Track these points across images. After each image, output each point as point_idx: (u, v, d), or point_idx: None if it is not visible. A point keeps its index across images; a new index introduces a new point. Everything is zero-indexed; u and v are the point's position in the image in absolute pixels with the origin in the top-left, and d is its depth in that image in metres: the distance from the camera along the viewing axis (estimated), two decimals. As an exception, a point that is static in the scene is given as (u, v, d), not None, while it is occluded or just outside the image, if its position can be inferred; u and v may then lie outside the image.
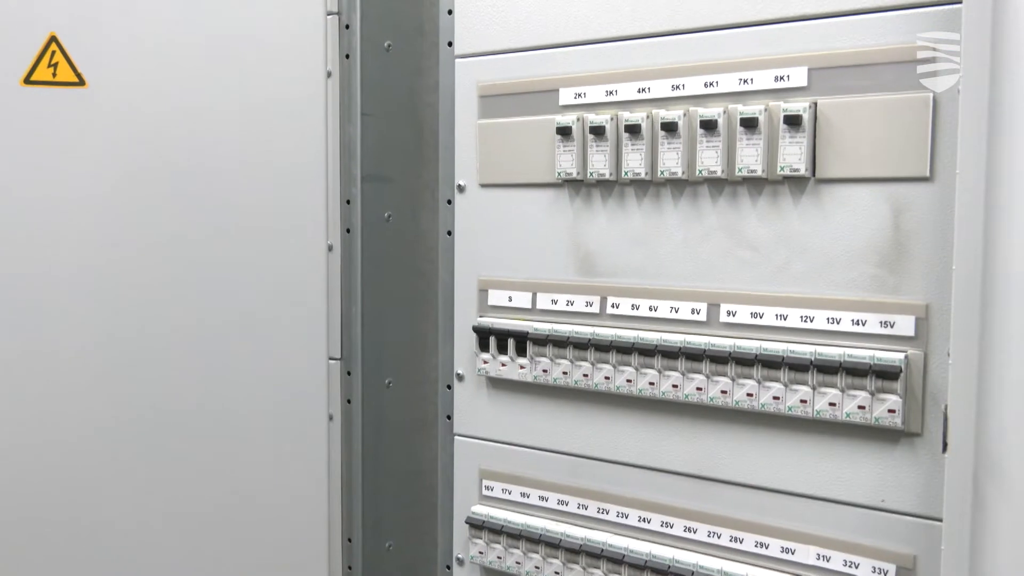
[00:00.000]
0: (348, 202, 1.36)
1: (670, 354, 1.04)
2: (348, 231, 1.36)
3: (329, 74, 1.29)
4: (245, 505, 1.28)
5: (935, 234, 0.90)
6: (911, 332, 0.92)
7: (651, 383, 1.06)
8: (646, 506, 1.09)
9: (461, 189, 1.22)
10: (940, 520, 0.86)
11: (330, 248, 1.33)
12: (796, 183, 0.98)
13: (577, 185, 1.12)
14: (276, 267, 1.28)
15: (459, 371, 1.24)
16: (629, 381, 1.07)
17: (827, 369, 0.95)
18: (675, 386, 1.04)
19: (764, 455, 1.02)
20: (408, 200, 1.41)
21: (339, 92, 1.33)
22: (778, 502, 1.01)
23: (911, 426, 0.93)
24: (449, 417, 1.28)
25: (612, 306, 1.10)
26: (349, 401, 1.37)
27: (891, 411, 0.92)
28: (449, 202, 1.26)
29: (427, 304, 1.40)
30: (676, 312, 1.05)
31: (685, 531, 1.07)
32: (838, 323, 0.96)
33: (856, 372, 0.93)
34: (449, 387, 1.28)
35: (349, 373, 1.37)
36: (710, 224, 1.03)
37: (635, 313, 1.08)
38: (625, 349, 1.07)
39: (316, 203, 1.29)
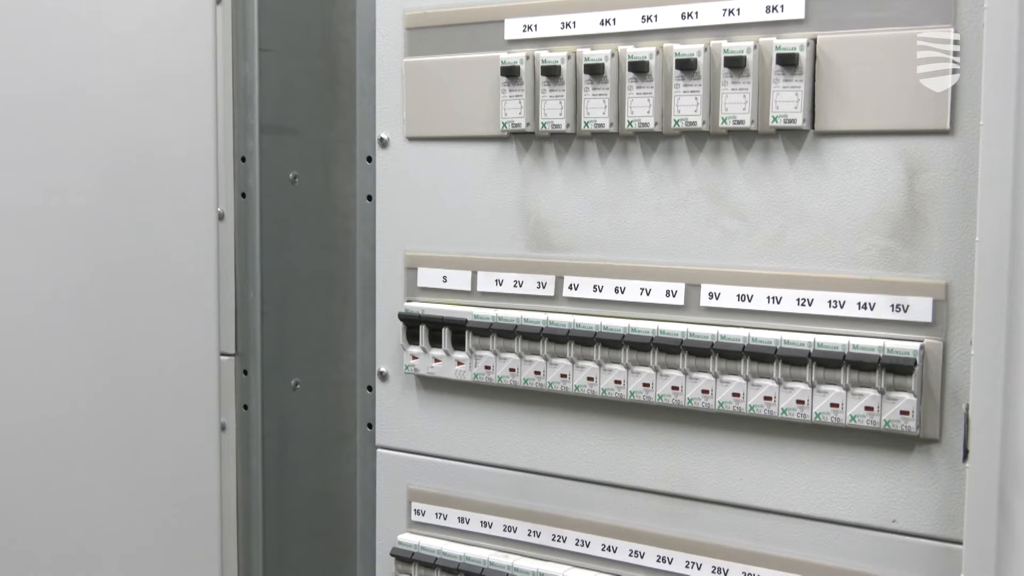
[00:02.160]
0: (243, 159, 1.35)
1: (640, 346, 1.05)
2: (243, 196, 1.35)
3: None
4: (115, 539, 1.28)
5: (957, 198, 0.93)
6: (928, 317, 0.94)
7: (617, 381, 1.07)
8: (611, 531, 1.11)
9: (383, 143, 1.22)
10: (960, 543, 0.89)
11: (221, 217, 1.33)
12: (791, 137, 1.00)
13: (527, 139, 1.13)
14: (152, 241, 1.26)
15: (382, 369, 1.24)
16: (591, 379, 1.09)
17: (828, 363, 0.97)
18: (646, 385, 1.06)
19: (753, 468, 1.04)
20: (318, 157, 1.40)
21: (231, 22, 1.32)
22: (770, 524, 1.03)
23: (927, 431, 0.95)
24: (370, 426, 1.29)
25: (570, 287, 1.11)
26: (246, 407, 1.37)
27: (904, 413, 0.95)
28: (369, 160, 1.26)
29: (342, 286, 1.39)
30: (647, 294, 1.07)
31: (658, 561, 1.08)
32: (841, 307, 0.98)
33: (863, 366, 0.95)
34: (370, 389, 1.28)
35: (246, 372, 1.37)
36: (688, 187, 1.05)
37: (597, 296, 1.10)
38: (586, 340, 1.08)
39: (202, 161, 1.28)
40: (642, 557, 1.09)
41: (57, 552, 1.25)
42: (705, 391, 1.03)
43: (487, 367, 1.14)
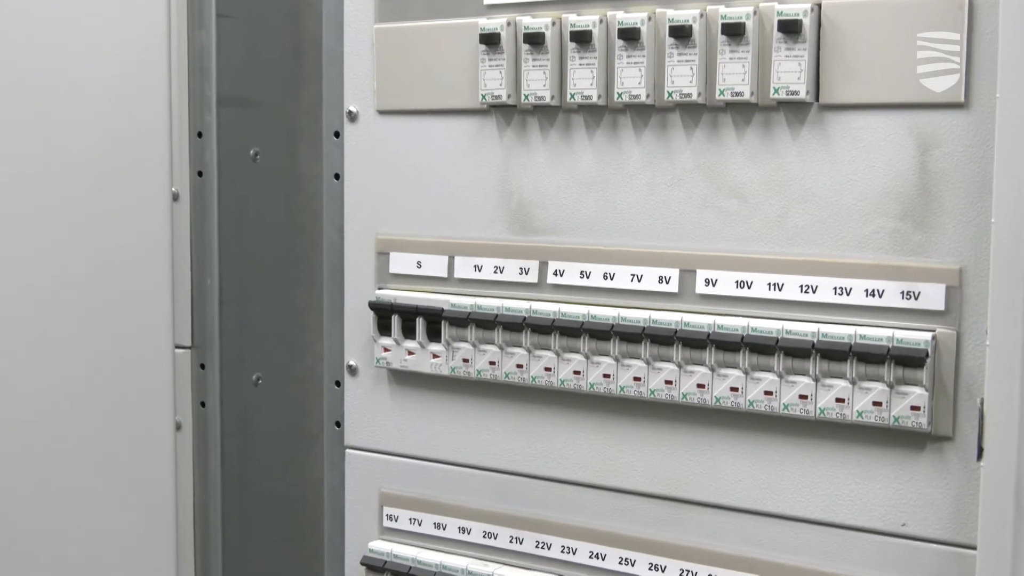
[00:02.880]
0: (200, 135, 1.34)
1: (631, 337, 1.06)
2: (200, 174, 1.35)
3: (172, -41, 1.28)
4: (62, 547, 1.27)
5: (972, 177, 0.93)
6: (940, 305, 0.95)
7: (606, 375, 1.07)
8: (599, 537, 1.11)
9: (353, 117, 1.22)
10: (974, 548, 0.89)
11: (175, 197, 1.32)
12: (794, 110, 1.00)
13: (508, 112, 1.13)
14: (100, 224, 1.26)
15: (351, 362, 1.24)
16: (577, 373, 1.09)
17: (834, 354, 0.97)
18: (637, 379, 1.06)
19: (752, 468, 1.04)
20: (282, 132, 1.40)
21: (186, -16, 1.31)
22: (770, 529, 1.04)
23: (940, 428, 0.96)
24: (338, 424, 1.28)
25: (555, 273, 1.11)
26: (203, 404, 1.37)
27: (915, 408, 0.95)
28: (337, 135, 1.25)
29: (308, 272, 1.39)
30: (639, 281, 1.07)
31: (650, 569, 1.09)
32: (848, 294, 0.98)
33: (870, 358, 0.96)
34: (338, 384, 1.28)
35: (203, 367, 1.37)
36: (683, 164, 1.05)
37: (585, 283, 1.10)
38: (572, 331, 1.08)
39: (156, 137, 1.28)
40: (633, 565, 1.09)
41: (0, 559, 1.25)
42: (701, 385, 1.03)
43: (465, 360, 1.14)
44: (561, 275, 1.11)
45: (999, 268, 0.84)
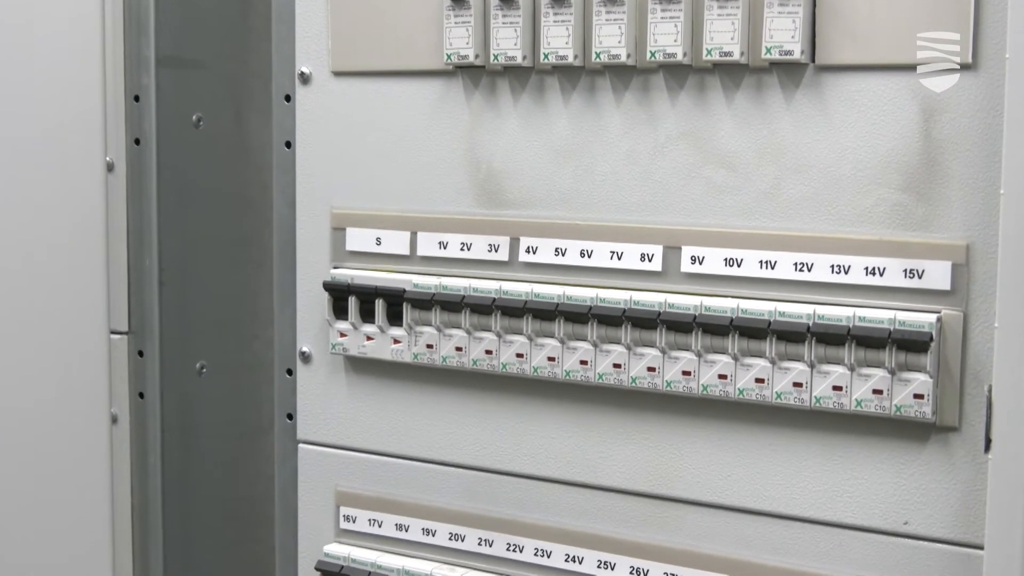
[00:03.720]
0: (136, 99, 1.34)
1: (610, 319, 1.06)
2: (137, 142, 1.34)
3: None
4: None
5: (980, 144, 0.93)
6: (946, 284, 0.95)
7: (583, 362, 1.08)
8: (576, 539, 1.12)
9: (305, 79, 1.21)
10: (981, 548, 0.90)
11: (110, 168, 1.32)
12: (788, 72, 1.00)
13: (476, 73, 1.13)
14: (28, 197, 1.25)
15: (304, 348, 1.24)
16: (552, 360, 1.09)
17: (830, 338, 0.98)
18: (617, 366, 1.06)
19: (742, 462, 1.05)
20: (227, 95, 1.39)
21: (120, -68, 1.31)
22: (762, 528, 1.04)
23: (945, 417, 0.96)
24: (290, 417, 1.28)
25: (527, 251, 1.11)
26: (142, 395, 1.37)
27: (918, 397, 0.96)
28: (288, 99, 1.25)
29: (256, 250, 1.39)
30: (619, 259, 1.07)
31: (632, 573, 1.09)
32: (846, 272, 0.99)
33: (870, 342, 0.96)
34: (290, 372, 1.28)
35: (141, 354, 1.36)
36: (667, 130, 1.05)
37: (560, 261, 1.10)
38: (546, 313, 1.08)
39: (88, 101, 1.27)
40: (613, 569, 1.10)
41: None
42: (686, 372, 1.03)
43: (429, 346, 1.14)
44: (534, 252, 1.11)
45: (1009, 244, 0.84)
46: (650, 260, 1.06)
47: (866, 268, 0.98)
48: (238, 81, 1.39)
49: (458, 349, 1.13)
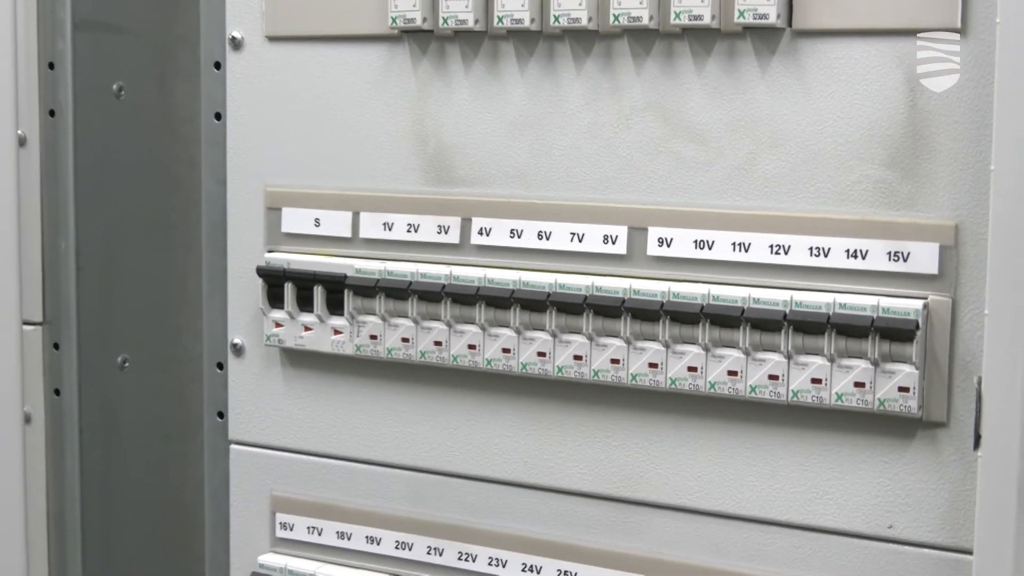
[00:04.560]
0: (51, 66, 1.33)
1: (570, 307, 1.06)
2: (52, 114, 1.33)
3: None
4: None
5: (970, 116, 0.94)
6: (933, 268, 0.96)
7: (541, 354, 1.08)
8: (534, 547, 1.12)
9: (236, 45, 1.21)
10: (970, 553, 0.91)
11: (21, 142, 1.31)
12: (763, 37, 1.00)
13: (424, 39, 1.12)
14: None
15: (236, 340, 1.24)
16: (507, 351, 1.09)
17: (809, 327, 0.98)
18: (578, 358, 1.06)
19: (714, 462, 1.05)
20: (151, 63, 1.38)
21: None
22: (736, 534, 1.05)
23: (932, 412, 0.97)
24: (221, 415, 1.28)
25: (480, 232, 1.11)
26: (58, 392, 1.36)
27: (903, 390, 0.96)
28: (217, 66, 1.24)
29: (183, 233, 1.38)
30: (580, 241, 1.07)
31: (594, 583, 1.10)
32: (826, 255, 0.99)
33: (852, 331, 0.97)
34: (221, 367, 1.28)
35: (57, 347, 1.36)
36: (632, 101, 1.05)
37: (515, 243, 1.10)
38: (500, 301, 1.08)
39: (-4, 67, 1.26)
40: (573, 578, 1.11)
41: None
42: (653, 365, 1.04)
43: (373, 337, 1.14)
44: (487, 234, 1.11)
45: (1000, 224, 0.85)
46: (613, 242, 1.06)
47: (847, 250, 0.98)
48: (163, 46, 1.38)
49: (404, 340, 1.13)
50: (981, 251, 0.93)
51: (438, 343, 1.11)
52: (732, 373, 1.01)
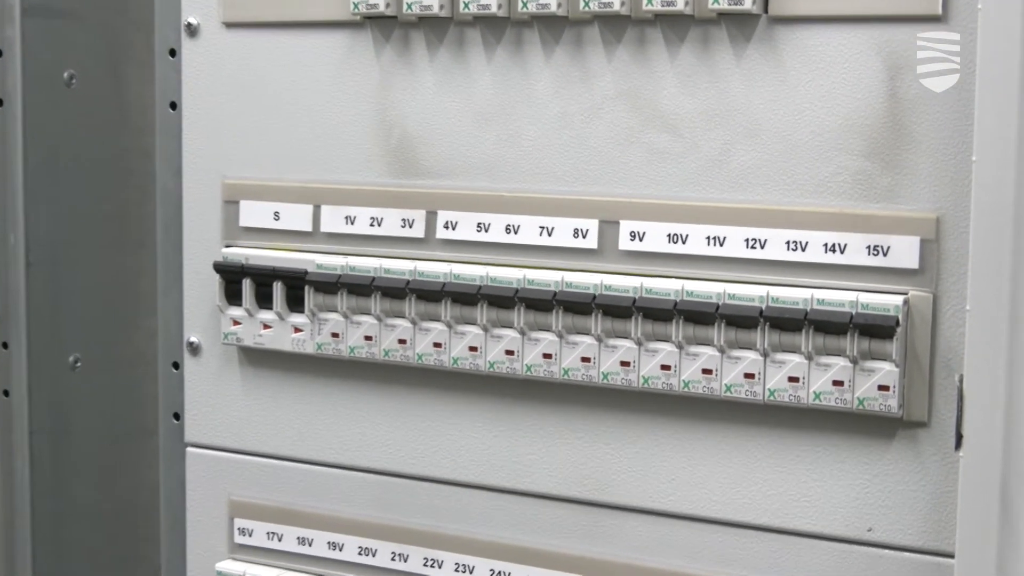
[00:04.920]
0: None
1: (539, 304, 1.06)
2: (0, 103, 1.33)
3: None
4: None
5: (951, 106, 0.94)
6: (914, 262, 0.96)
7: (509, 352, 1.08)
8: (502, 552, 1.12)
9: (193, 31, 1.20)
10: (952, 556, 0.91)
11: (-33, 132, 1.30)
12: (738, 24, 1.00)
13: (387, 25, 1.12)
14: None
15: (192, 339, 1.23)
16: (474, 350, 1.09)
17: (785, 323, 0.98)
18: (547, 356, 1.06)
19: (688, 464, 1.05)
20: (103, 49, 1.38)
21: None
22: (710, 538, 1.05)
23: (913, 412, 0.97)
24: (177, 416, 1.28)
25: (445, 226, 1.11)
26: (7, 393, 1.36)
27: (883, 388, 0.96)
28: (173, 53, 1.24)
29: (137, 227, 1.38)
30: (549, 235, 1.07)
31: (564, 590, 1.10)
32: (803, 249, 0.99)
33: (830, 327, 0.97)
34: (176, 366, 1.27)
35: (6, 346, 1.35)
36: (603, 90, 1.05)
37: (483, 237, 1.10)
38: (467, 297, 1.08)
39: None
40: (543, 585, 1.11)
41: None
42: (625, 363, 1.04)
43: (335, 335, 1.14)
44: (453, 228, 1.10)
45: (982, 216, 0.85)
46: (584, 236, 1.06)
47: (825, 244, 0.98)
48: (116, 33, 1.37)
49: (367, 339, 1.13)
50: (963, 245, 0.93)
51: (402, 341, 1.11)
52: (706, 372, 1.01)
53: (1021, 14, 0.83)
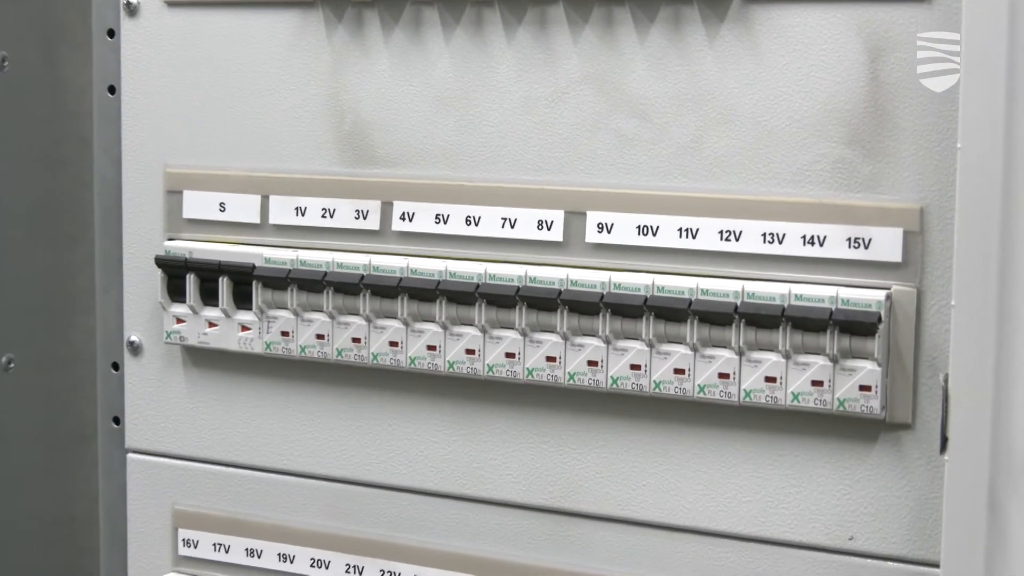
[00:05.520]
0: (-81, 33, 1.32)
1: (501, 300, 1.06)
2: (-78, 87, 1.32)
3: None
4: None
5: (936, 90, 0.95)
6: (897, 256, 0.96)
7: (469, 351, 1.08)
8: (463, 563, 1.12)
9: (132, 11, 1.20)
10: (937, 566, 0.91)
11: None
12: (711, 3, 1.00)
13: (339, 3, 1.12)
14: None
15: (133, 338, 1.23)
16: (432, 349, 1.09)
17: (762, 320, 0.98)
18: (510, 355, 1.06)
19: (659, 470, 1.05)
20: (36, 30, 1.37)
21: None
22: (684, 548, 1.05)
23: (896, 413, 0.97)
24: (117, 421, 1.28)
25: (402, 217, 1.11)
26: (-66, 396, 1.34)
27: (864, 389, 0.97)
28: (111, 34, 1.24)
29: (73, 219, 1.37)
30: (512, 227, 1.07)
31: (529, 603, 1.10)
32: (780, 241, 0.99)
33: (808, 324, 0.97)
34: (116, 367, 1.27)
35: (-67, 346, 1.34)
36: (569, 72, 1.05)
37: (441, 229, 1.10)
38: (425, 293, 1.08)
39: None
40: (507, 598, 1.11)
41: None
42: (593, 363, 1.04)
43: (284, 333, 1.14)
44: (410, 219, 1.10)
45: (967, 207, 0.85)
46: (549, 228, 1.06)
47: (803, 237, 0.98)
48: (50, 13, 1.36)
49: (319, 337, 1.12)
50: (948, 237, 0.93)
51: (356, 340, 1.11)
52: (679, 371, 1.01)
53: (1008, -7, 0.83)
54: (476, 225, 1.08)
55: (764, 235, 1.00)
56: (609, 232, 1.04)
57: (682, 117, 1.02)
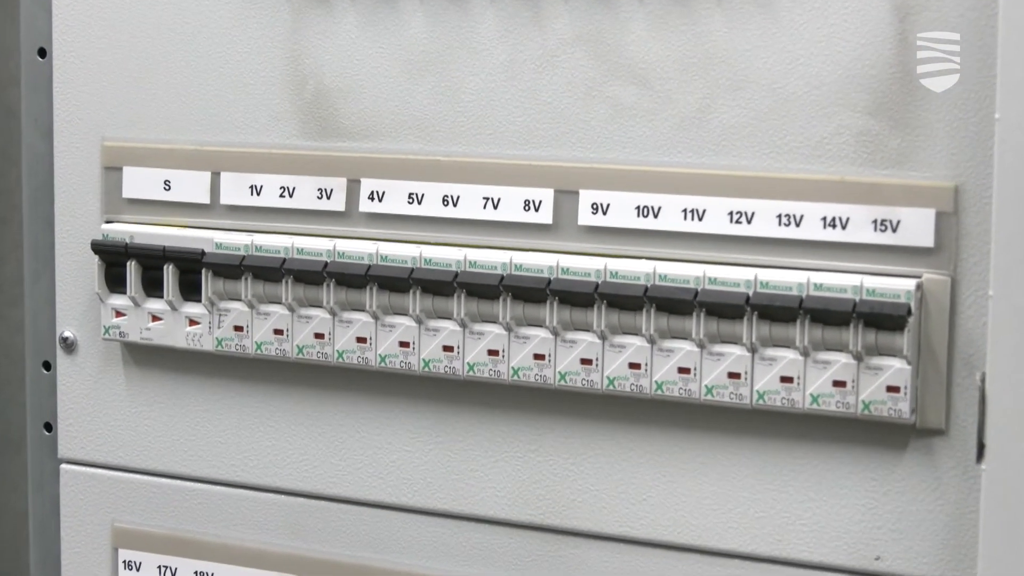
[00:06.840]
0: None
1: (483, 290, 1.06)
2: None
3: None
4: None
5: (971, 54, 0.95)
6: (928, 240, 0.96)
7: (447, 348, 1.08)
8: (441, 587, 1.13)
9: (64, -38, 1.20)
10: (974, 588, 0.92)
11: None
12: (720, -46, 1.01)
13: (299, -45, 1.13)
14: None
15: (66, 334, 1.23)
16: (405, 345, 1.09)
17: (777, 313, 0.99)
18: (493, 353, 1.07)
19: (662, 482, 1.06)
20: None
21: None
22: (689, 569, 1.05)
23: (927, 418, 0.98)
24: (49, 427, 1.28)
25: (371, 197, 1.11)
26: None
27: (892, 390, 0.97)
28: (39, -8, 1.24)
29: (0, 199, 1.37)
30: (495, 207, 1.08)
31: (515, 632, 1.11)
32: (798, 224, 1.00)
33: (830, 318, 0.97)
34: (48, 367, 1.27)
35: None
36: (559, 33, 1.05)
37: (415, 211, 1.10)
38: (397, 283, 1.08)
39: None
40: (490, 627, 1.11)
41: None
42: (586, 361, 1.04)
43: (238, 328, 1.14)
44: (380, 199, 1.11)
45: (1006, 185, 0.86)
46: (537, 209, 1.06)
47: (824, 219, 0.99)
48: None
49: (277, 333, 1.13)
50: (986, 219, 0.93)
51: (319, 336, 1.11)
52: (683, 371, 1.02)
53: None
54: (454, 206, 1.09)
55: (779, 217, 1.00)
56: (604, 213, 1.04)
57: (687, 84, 1.02)
